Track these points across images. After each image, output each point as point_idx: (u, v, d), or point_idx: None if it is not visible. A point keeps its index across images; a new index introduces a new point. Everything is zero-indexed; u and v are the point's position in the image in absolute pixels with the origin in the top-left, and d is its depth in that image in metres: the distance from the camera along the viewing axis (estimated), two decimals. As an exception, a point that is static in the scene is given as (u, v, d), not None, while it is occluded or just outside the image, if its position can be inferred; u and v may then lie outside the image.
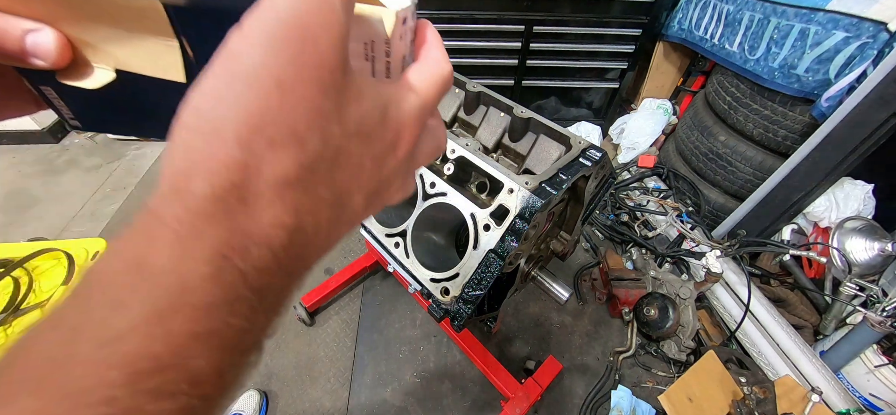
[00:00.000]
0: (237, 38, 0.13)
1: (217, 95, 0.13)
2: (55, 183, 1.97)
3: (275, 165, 0.14)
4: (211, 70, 0.14)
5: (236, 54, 0.13)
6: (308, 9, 0.13)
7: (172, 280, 0.12)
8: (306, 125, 0.14)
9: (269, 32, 0.13)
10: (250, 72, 0.13)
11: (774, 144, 1.46)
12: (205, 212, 0.13)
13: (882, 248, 1.20)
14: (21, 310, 0.97)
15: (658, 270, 1.53)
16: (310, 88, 0.14)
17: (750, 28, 1.48)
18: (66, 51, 0.19)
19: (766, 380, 1.17)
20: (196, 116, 0.13)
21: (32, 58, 0.18)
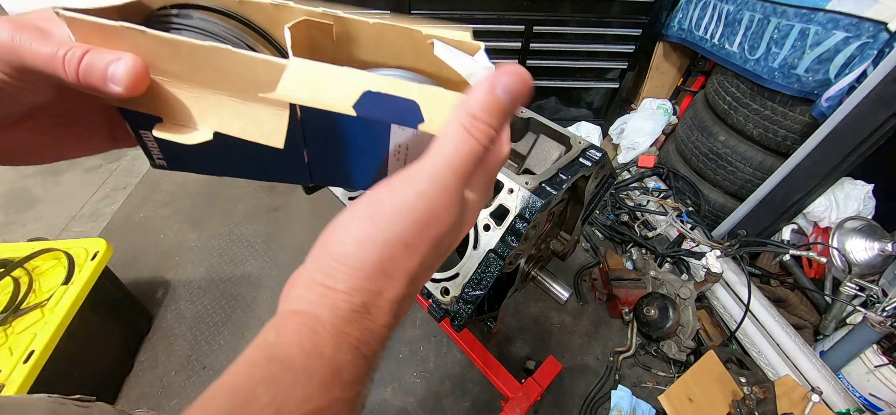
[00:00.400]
0: (384, 207, 0.20)
1: (360, 243, 0.20)
2: (55, 183, 1.97)
3: (391, 292, 0.21)
4: (356, 218, 0.20)
5: (380, 218, 0.20)
6: (442, 202, 0.20)
7: (333, 365, 0.19)
8: (417, 267, 0.21)
9: (410, 208, 0.20)
10: (389, 236, 0.20)
11: (774, 144, 1.46)
12: (347, 320, 0.20)
13: (882, 248, 1.20)
14: (21, 310, 0.98)
15: (658, 270, 1.53)
16: (426, 249, 0.21)
17: (750, 28, 1.48)
18: (142, 81, 0.22)
19: (766, 380, 1.17)
20: (342, 253, 0.20)
21: (110, 84, 0.21)
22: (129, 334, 1.34)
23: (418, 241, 0.20)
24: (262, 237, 1.71)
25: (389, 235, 0.19)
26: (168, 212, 1.82)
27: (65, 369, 1.01)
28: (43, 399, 0.41)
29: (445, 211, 0.20)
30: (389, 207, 0.20)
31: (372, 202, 0.20)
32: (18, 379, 0.86)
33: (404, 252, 0.20)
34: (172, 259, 1.62)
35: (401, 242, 0.20)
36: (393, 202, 0.20)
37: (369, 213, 0.20)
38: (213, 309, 1.46)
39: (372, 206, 0.20)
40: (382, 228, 0.19)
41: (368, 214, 0.20)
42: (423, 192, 0.20)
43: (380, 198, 0.20)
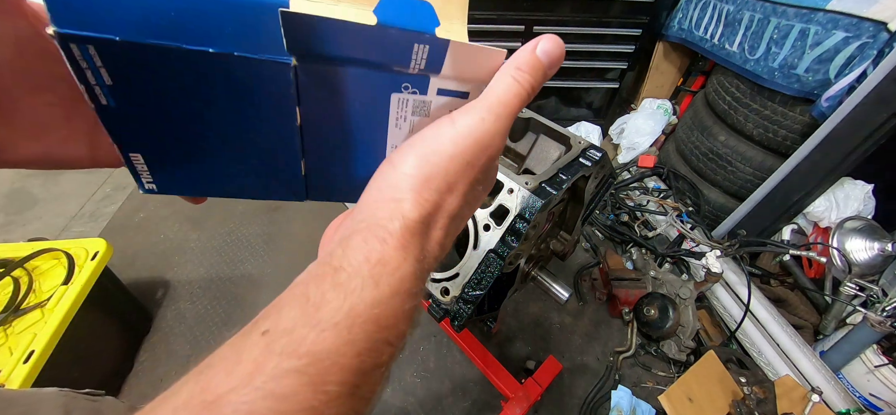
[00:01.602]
0: (446, 130, 0.22)
1: (425, 157, 0.21)
2: (55, 183, 1.97)
3: (451, 206, 0.22)
4: (418, 140, 0.22)
5: (445, 137, 0.22)
6: (496, 130, 0.22)
7: (399, 274, 0.19)
8: (470, 188, 0.23)
9: (471, 130, 0.22)
10: (455, 151, 0.21)
11: (774, 144, 1.46)
12: (413, 230, 0.21)
13: (882, 248, 1.20)
14: (21, 310, 0.98)
15: (658, 270, 1.53)
16: (481, 168, 0.23)
17: (750, 28, 1.48)
18: None
19: (766, 380, 1.17)
20: (416, 167, 0.21)
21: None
22: (129, 334, 1.34)
23: (475, 160, 0.22)
24: (262, 237, 1.71)
25: (455, 151, 0.21)
26: (168, 212, 1.82)
27: (65, 369, 1.01)
28: (55, 393, 0.41)
29: (498, 137, 0.22)
30: (453, 129, 0.21)
31: (434, 127, 0.22)
32: (18, 379, 0.86)
33: (466, 169, 0.22)
34: (172, 259, 1.62)
35: (463, 159, 0.22)
36: (456, 125, 0.22)
37: (433, 134, 0.22)
38: (213, 309, 1.46)
39: (434, 128, 0.22)
40: (448, 145, 0.21)
41: (432, 134, 0.22)
42: (483, 118, 0.22)
43: (440, 123, 0.22)
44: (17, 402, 0.38)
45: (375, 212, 0.21)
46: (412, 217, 0.20)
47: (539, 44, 0.23)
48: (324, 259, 0.19)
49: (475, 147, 0.22)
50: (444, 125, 0.22)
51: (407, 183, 0.21)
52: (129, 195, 1.91)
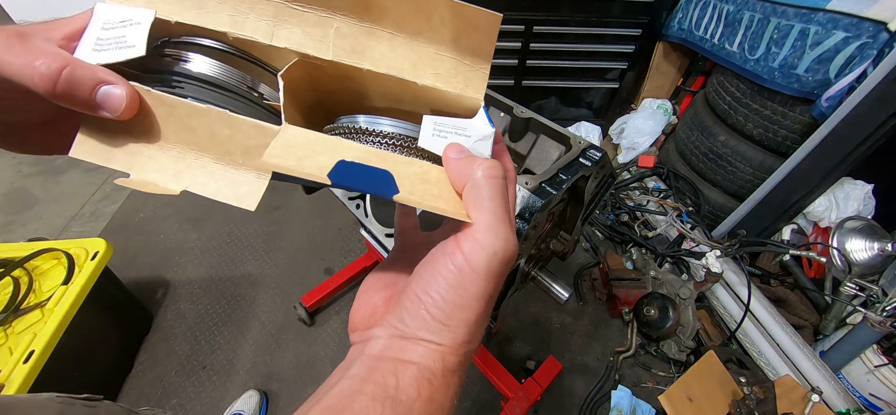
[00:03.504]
0: (468, 269, 0.23)
1: (457, 305, 0.23)
2: (55, 183, 1.97)
3: (479, 336, 0.25)
4: (447, 281, 0.23)
5: (469, 283, 0.23)
6: (507, 251, 0.23)
7: (443, 409, 0.23)
8: (489, 312, 0.25)
9: (487, 268, 0.23)
10: (480, 293, 0.23)
11: (774, 144, 1.46)
12: (453, 371, 0.24)
13: (882, 248, 1.20)
14: (21, 310, 0.98)
15: (658, 270, 1.53)
16: (496, 292, 0.24)
17: (750, 28, 1.48)
18: (133, 109, 0.22)
19: (766, 380, 1.17)
20: (446, 316, 0.23)
21: (100, 110, 0.21)
22: (129, 334, 1.34)
23: (496, 289, 0.24)
24: (261, 237, 1.71)
25: (476, 293, 0.23)
26: (168, 212, 1.82)
27: (65, 369, 1.01)
28: (52, 399, 0.41)
29: (512, 245, 0.24)
30: (474, 273, 0.23)
31: (457, 267, 0.23)
32: (18, 379, 0.86)
33: (489, 303, 0.24)
34: (172, 259, 1.62)
35: (486, 296, 0.23)
36: (475, 269, 0.23)
37: (458, 279, 0.23)
38: (213, 309, 1.46)
39: (459, 272, 0.23)
40: (472, 293, 0.23)
41: (457, 280, 0.23)
42: (494, 252, 0.23)
43: (459, 263, 0.23)
44: (14, 408, 0.38)
45: (418, 348, 0.24)
46: (451, 362, 0.24)
47: (451, 152, 0.25)
48: (379, 380, 0.22)
49: (494, 282, 0.23)
50: (460, 267, 0.23)
51: (442, 330, 0.23)
52: (129, 195, 1.90)
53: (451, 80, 0.27)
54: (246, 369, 1.31)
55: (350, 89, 0.29)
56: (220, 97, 0.25)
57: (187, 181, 0.23)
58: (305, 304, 1.37)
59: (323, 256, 1.65)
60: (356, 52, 0.26)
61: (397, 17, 0.25)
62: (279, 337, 1.39)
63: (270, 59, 0.27)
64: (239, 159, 0.23)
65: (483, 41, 0.26)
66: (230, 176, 0.23)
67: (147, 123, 0.23)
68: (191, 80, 0.25)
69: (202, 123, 0.23)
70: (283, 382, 1.28)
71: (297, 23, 0.26)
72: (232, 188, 0.23)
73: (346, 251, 1.68)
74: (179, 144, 0.23)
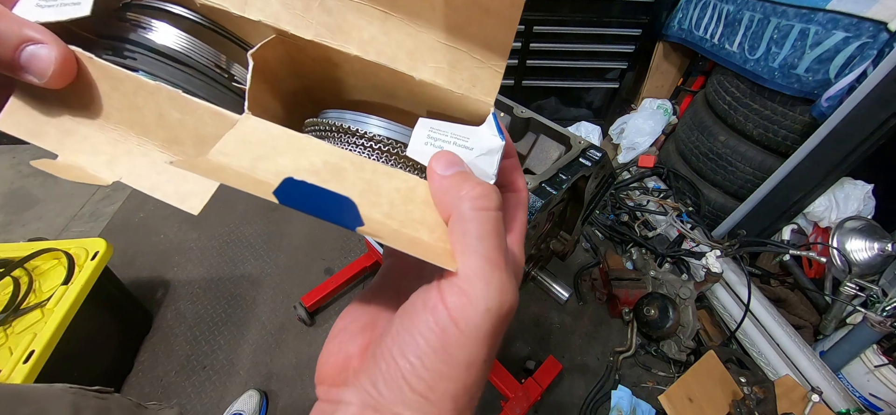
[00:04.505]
0: (454, 330, 0.18)
1: (441, 374, 0.18)
2: (55, 183, 1.97)
3: (472, 404, 0.19)
4: (429, 348, 0.18)
5: (456, 342, 0.18)
6: (502, 306, 0.18)
7: None
8: (484, 379, 0.20)
9: (477, 328, 0.18)
10: (467, 360, 0.18)
11: (774, 144, 1.46)
12: None
13: (882, 248, 1.20)
14: (21, 310, 0.98)
15: (658, 270, 1.53)
16: (492, 355, 0.19)
17: (750, 28, 1.48)
18: (66, 75, 0.18)
19: (766, 380, 1.17)
20: (427, 388, 0.18)
21: (25, 73, 0.17)
22: (129, 334, 1.34)
23: (491, 352, 0.19)
24: (261, 237, 1.71)
25: (464, 359, 0.18)
26: (168, 212, 1.82)
27: (65, 368, 1.01)
28: (65, 390, 0.41)
29: (511, 296, 0.19)
30: (462, 335, 0.18)
31: (440, 326, 0.18)
32: (18, 379, 0.86)
33: (482, 369, 0.19)
34: (172, 259, 1.62)
35: (477, 363, 0.18)
36: (463, 330, 0.18)
37: (441, 342, 0.18)
38: (213, 309, 1.46)
39: (442, 333, 0.18)
40: (460, 359, 0.18)
41: (440, 343, 0.18)
42: (487, 309, 0.18)
43: (443, 321, 0.18)
44: (28, 399, 0.38)
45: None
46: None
47: (437, 166, 0.19)
48: None
49: (489, 342, 0.18)
50: (444, 326, 0.18)
51: (426, 405, 0.18)
52: (129, 195, 1.90)
53: (454, 77, 0.22)
54: (246, 369, 1.31)
55: (335, 78, 0.24)
56: (182, 75, 0.21)
57: (123, 170, 0.19)
58: (305, 304, 1.37)
59: (323, 256, 1.65)
60: (342, 32, 0.21)
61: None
62: (279, 337, 1.39)
63: (248, 35, 0.23)
64: (189, 150, 0.20)
65: (498, 30, 0.20)
66: (175, 170, 0.20)
67: (87, 97, 0.19)
68: (145, 52, 0.21)
69: (150, 103, 0.19)
70: (283, 382, 1.28)
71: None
72: (174, 185, 0.20)
73: (346, 251, 1.68)
74: (122, 124, 0.19)
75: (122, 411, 0.43)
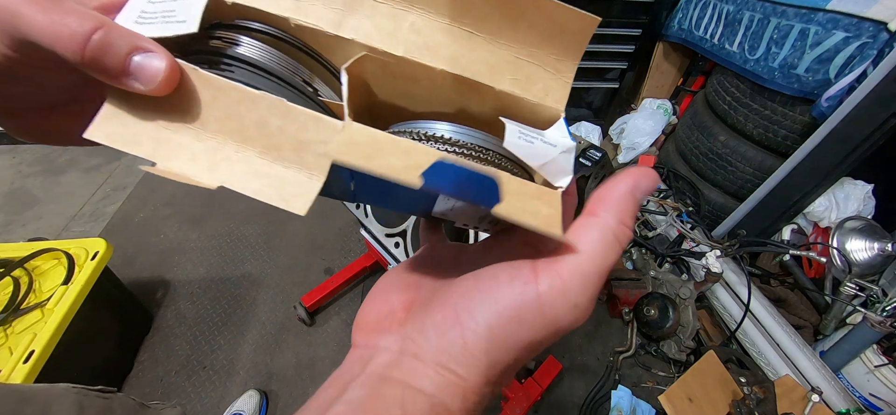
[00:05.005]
0: (537, 309, 0.18)
1: (504, 343, 0.19)
2: (55, 183, 1.97)
3: (506, 381, 0.21)
4: (500, 309, 0.19)
5: (527, 324, 0.19)
6: (578, 320, 0.19)
7: None
8: (521, 363, 0.21)
9: (555, 321, 0.19)
10: (528, 341, 0.19)
11: (774, 144, 1.46)
12: (472, 410, 0.19)
13: (882, 248, 1.20)
14: (21, 310, 0.98)
15: (658, 270, 1.53)
16: (549, 342, 0.20)
17: (750, 28, 1.48)
18: (171, 83, 0.19)
19: (766, 380, 1.17)
20: (483, 351, 0.18)
21: (132, 80, 0.18)
22: (129, 334, 1.34)
23: (548, 341, 0.20)
24: (262, 237, 1.71)
25: (528, 340, 0.19)
26: (168, 212, 1.82)
27: (65, 368, 1.01)
28: (68, 390, 0.42)
29: (584, 316, 0.19)
30: (541, 318, 0.19)
31: (524, 301, 0.19)
32: (18, 379, 0.86)
33: (532, 351, 0.20)
34: (172, 259, 1.62)
35: (535, 344, 0.19)
36: (545, 314, 0.19)
37: (518, 315, 0.18)
38: (213, 309, 1.46)
39: (523, 307, 0.18)
40: (525, 336, 0.19)
41: (517, 315, 0.18)
42: (575, 305, 0.19)
43: (530, 298, 0.18)
44: (32, 399, 0.38)
45: (435, 376, 0.19)
46: (472, 401, 0.20)
47: (640, 184, 0.21)
48: (380, 408, 0.19)
49: (550, 333, 0.19)
50: (528, 303, 0.18)
51: (475, 365, 0.19)
52: (129, 195, 1.91)
53: (530, 88, 0.24)
54: (246, 369, 1.31)
55: (408, 93, 0.26)
56: (273, 86, 0.22)
57: (224, 175, 0.20)
58: (305, 304, 1.37)
59: (323, 256, 1.65)
60: (429, 49, 0.23)
61: (480, 15, 0.23)
62: (279, 337, 1.39)
63: (329, 52, 0.25)
64: (288, 155, 0.20)
65: (571, 47, 0.24)
66: (276, 174, 0.20)
67: (184, 106, 0.20)
68: (242, 64, 0.22)
69: (252, 111, 0.20)
70: (283, 382, 1.28)
71: (369, 13, 0.23)
72: (276, 188, 0.20)
73: (346, 251, 1.68)
74: (220, 133, 0.20)
75: (125, 410, 0.43)
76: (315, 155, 0.20)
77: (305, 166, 0.20)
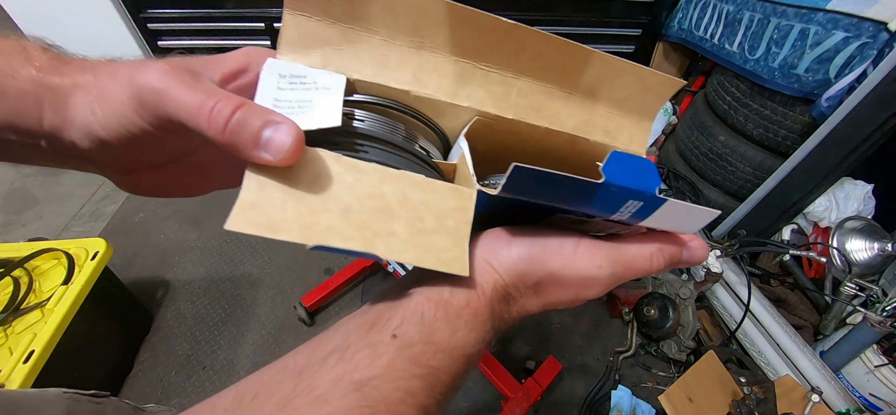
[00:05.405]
0: (570, 251, 0.25)
1: (535, 260, 0.25)
2: (55, 183, 1.97)
3: (529, 305, 0.27)
4: (545, 243, 0.25)
5: (561, 262, 0.25)
6: (604, 285, 0.26)
7: (484, 326, 0.24)
8: (559, 300, 0.27)
9: (582, 272, 0.25)
10: (556, 274, 0.25)
11: (774, 144, 1.46)
12: (499, 298, 0.24)
13: (882, 248, 1.20)
14: (21, 310, 0.98)
15: (658, 270, 1.52)
16: (572, 297, 0.26)
17: (750, 28, 1.48)
18: (296, 154, 0.20)
19: (766, 380, 1.17)
20: (515, 257, 0.24)
21: (261, 151, 0.19)
22: (129, 334, 1.34)
23: (571, 289, 0.26)
24: (261, 237, 1.71)
25: (559, 272, 0.24)
26: (168, 212, 1.82)
27: (65, 369, 1.01)
28: (59, 396, 0.41)
29: (602, 288, 0.25)
30: (572, 253, 0.24)
31: (561, 243, 0.25)
32: (18, 379, 0.86)
33: (557, 289, 0.26)
34: (172, 259, 1.62)
35: (560, 282, 0.25)
36: (576, 254, 0.24)
37: (554, 244, 0.25)
38: (213, 309, 1.46)
39: (558, 239, 0.25)
40: (556, 263, 0.24)
41: (554, 243, 0.25)
42: (600, 265, 0.25)
43: (565, 243, 0.25)
44: (22, 405, 0.38)
45: (479, 269, 0.24)
46: (499, 292, 0.24)
47: (692, 246, 0.26)
48: (435, 292, 0.22)
49: (577, 282, 0.25)
50: (567, 243, 0.25)
51: (508, 268, 0.24)
52: (130, 195, 1.90)
53: (618, 136, 0.29)
54: (246, 369, 1.30)
55: (509, 146, 0.29)
56: (402, 160, 0.24)
57: (381, 250, 0.21)
58: (305, 303, 1.37)
59: (323, 255, 1.65)
60: (534, 110, 0.27)
61: (581, 80, 0.27)
62: (279, 337, 1.39)
63: (438, 115, 0.27)
64: (431, 224, 0.22)
65: (653, 102, 0.28)
66: (425, 242, 0.22)
67: (326, 191, 0.20)
68: (371, 142, 0.24)
69: (394, 188, 0.21)
70: (283, 382, 1.28)
71: (481, 82, 0.26)
72: (433, 255, 0.22)
73: (346, 251, 1.68)
74: (364, 212, 0.21)
75: (119, 414, 0.43)
76: (455, 220, 0.23)
77: (449, 233, 0.22)
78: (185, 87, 0.19)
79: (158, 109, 0.19)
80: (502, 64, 0.26)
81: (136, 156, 0.24)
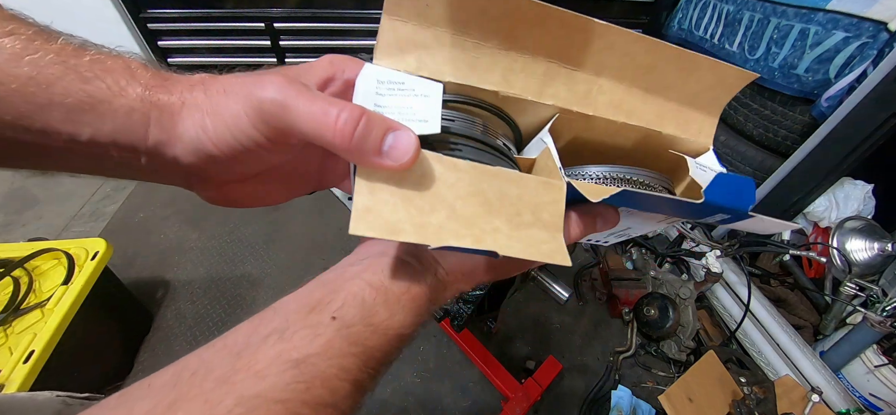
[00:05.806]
0: None
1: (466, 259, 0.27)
2: (55, 183, 1.97)
3: (461, 287, 0.28)
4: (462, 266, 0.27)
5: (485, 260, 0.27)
6: None
7: (422, 309, 0.25)
8: (483, 280, 0.28)
9: None
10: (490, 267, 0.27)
11: (774, 144, 1.46)
12: (437, 288, 0.26)
13: (882, 248, 1.20)
14: (21, 310, 0.98)
15: (658, 270, 1.53)
16: (493, 278, 0.29)
17: (750, 28, 1.48)
18: (415, 159, 0.21)
19: (766, 380, 1.17)
20: (456, 261, 0.27)
21: (383, 158, 0.20)
22: (129, 334, 1.34)
23: (500, 271, 0.28)
24: (261, 237, 1.71)
25: (490, 264, 0.27)
26: (168, 212, 1.82)
27: (65, 369, 1.01)
28: (51, 399, 0.41)
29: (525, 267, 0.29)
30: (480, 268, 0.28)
31: None
32: (18, 379, 0.86)
33: (486, 274, 0.27)
34: (172, 259, 1.62)
35: (485, 267, 0.27)
36: None
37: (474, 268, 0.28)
38: (213, 309, 1.46)
39: None
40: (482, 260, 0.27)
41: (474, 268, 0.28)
42: None
43: None
44: (14, 408, 0.38)
45: (426, 260, 0.26)
46: (441, 283, 0.26)
47: (606, 216, 0.28)
48: (375, 277, 0.24)
49: (502, 263, 0.26)
50: None
51: (453, 261, 0.26)
52: (129, 195, 1.90)
53: (689, 128, 0.30)
54: (246, 369, 1.30)
55: (583, 140, 0.31)
56: (492, 157, 0.25)
57: (491, 243, 0.21)
58: (305, 304, 1.37)
59: (323, 256, 1.65)
60: (612, 106, 0.28)
61: (659, 76, 0.28)
62: (279, 337, 1.39)
63: (519, 112, 0.28)
64: (528, 218, 0.23)
65: (722, 95, 0.30)
66: (526, 235, 0.23)
67: (431, 190, 0.21)
68: (467, 141, 0.25)
69: (493, 185, 0.22)
70: (283, 382, 1.28)
71: (565, 82, 0.27)
72: (535, 247, 0.22)
73: (346, 251, 1.66)
74: (469, 207, 0.22)
75: None
76: (549, 214, 0.23)
77: (545, 226, 0.23)
78: (305, 99, 0.19)
79: (279, 121, 0.20)
80: (586, 64, 0.27)
81: (236, 169, 0.24)
